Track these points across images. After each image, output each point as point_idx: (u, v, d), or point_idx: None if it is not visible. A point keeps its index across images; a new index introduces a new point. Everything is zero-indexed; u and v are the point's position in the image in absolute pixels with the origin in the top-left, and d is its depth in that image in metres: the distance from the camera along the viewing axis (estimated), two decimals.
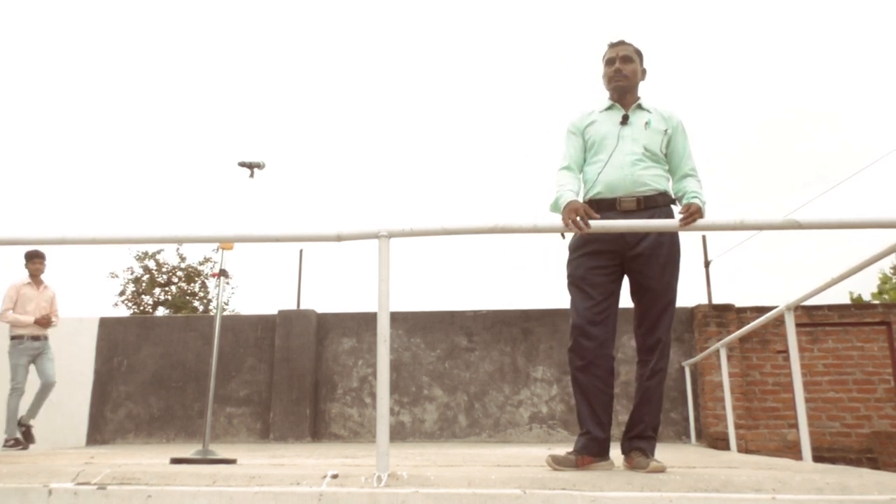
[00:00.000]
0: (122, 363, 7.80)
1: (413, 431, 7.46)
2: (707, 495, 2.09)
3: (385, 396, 2.43)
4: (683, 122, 2.96)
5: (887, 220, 2.53)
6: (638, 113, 2.92)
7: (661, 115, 2.92)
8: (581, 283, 2.81)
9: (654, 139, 2.85)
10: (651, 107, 2.95)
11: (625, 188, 2.79)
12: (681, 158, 2.92)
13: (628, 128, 2.87)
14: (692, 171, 2.91)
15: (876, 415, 7.03)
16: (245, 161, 3.97)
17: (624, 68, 2.91)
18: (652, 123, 2.88)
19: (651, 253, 2.75)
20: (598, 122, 2.94)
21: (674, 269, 2.80)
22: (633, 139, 2.84)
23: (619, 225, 2.70)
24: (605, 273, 2.80)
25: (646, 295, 2.79)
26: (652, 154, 2.83)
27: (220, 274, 3.67)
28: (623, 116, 2.90)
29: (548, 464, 2.71)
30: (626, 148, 2.82)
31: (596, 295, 2.77)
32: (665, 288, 2.77)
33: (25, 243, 2.99)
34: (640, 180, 2.78)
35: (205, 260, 19.90)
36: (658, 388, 2.77)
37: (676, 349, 7.44)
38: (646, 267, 2.76)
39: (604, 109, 2.97)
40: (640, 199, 2.78)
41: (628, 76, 2.91)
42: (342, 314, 7.95)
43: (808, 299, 3.65)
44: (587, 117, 2.98)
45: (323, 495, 2.17)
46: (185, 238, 2.93)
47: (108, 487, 2.29)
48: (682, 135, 2.93)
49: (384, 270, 2.56)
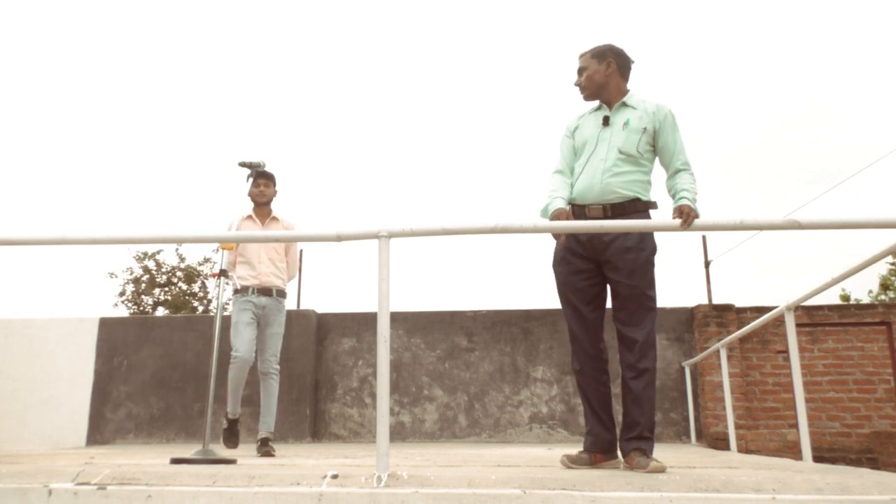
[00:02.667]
0: (122, 363, 7.80)
1: (413, 431, 7.46)
2: (707, 495, 2.09)
3: (385, 396, 2.43)
4: (673, 114, 2.93)
5: (887, 220, 2.53)
6: (620, 112, 2.94)
7: (645, 110, 2.91)
8: (565, 289, 2.95)
9: (630, 140, 2.86)
10: (637, 102, 2.94)
11: (594, 196, 2.86)
12: (671, 154, 2.92)
13: (608, 130, 2.91)
14: (684, 166, 2.91)
15: (876, 415, 7.03)
16: (245, 161, 3.98)
17: (579, 81, 3.02)
18: (630, 122, 2.89)
19: (618, 259, 2.82)
20: (584, 125, 3.02)
21: (643, 273, 2.82)
22: (610, 143, 2.88)
23: (618, 225, 2.71)
24: (586, 277, 2.91)
25: (616, 299, 2.87)
26: (627, 156, 2.85)
27: (220, 274, 3.66)
28: (604, 118, 2.94)
29: (562, 463, 2.84)
30: (602, 153, 2.88)
31: (579, 301, 2.91)
32: (634, 292, 2.80)
33: (26, 243, 2.98)
34: (609, 188, 2.84)
35: (204, 260, 19.90)
36: (647, 390, 2.78)
37: (676, 349, 7.45)
38: (614, 273, 2.84)
39: (591, 111, 3.05)
40: (606, 207, 2.84)
41: (585, 86, 3.00)
42: (342, 314, 7.95)
43: (808, 299, 3.65)
44: (577, 120, 3.09)
45: (323, 495, 2.17)
46: (185, 238, 2.93)
47: (108, 487, 2.29)
48: (670, 128, 2.91)
49: (384, 270, 2.56)
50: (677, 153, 2.91)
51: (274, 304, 4.48)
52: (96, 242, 2.96)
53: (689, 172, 2.91)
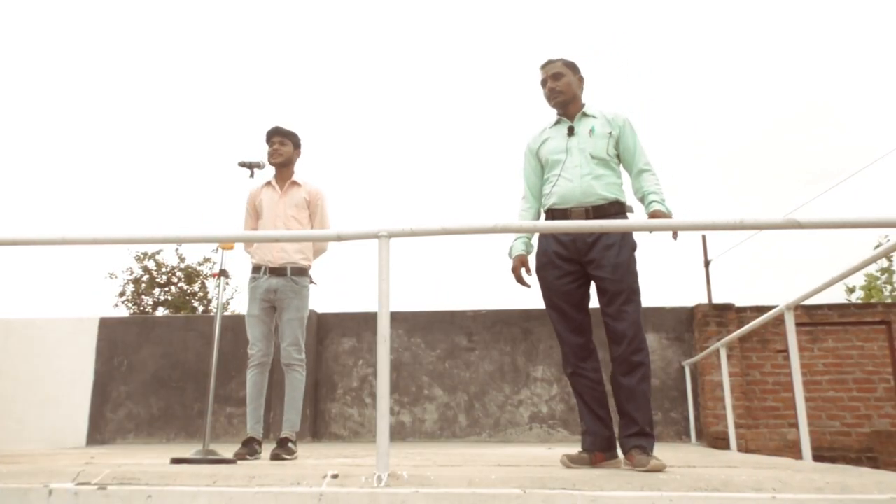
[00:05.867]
0: (122, 363, 7.80)
1: (413, 431, 7.46)
2: (707, 495, 2.09)
3: (385, 396, 2.43)
4: (630, 120, 3.10)
5: (887, 219, 2.53)
6: (583, 122, 3.08)
7: (605, 118, 3.07)
8: (551, 294, 3.02)
9: (598, 145, 3.00)
10: (596, 111, 3.10)
11: (576, 198, 2.95)
12: (632, 155, 3.06)
13: (575, 138, 3.04)
14: (646, 166, 3.05)
15: (876, 414, 7.03)
16: (245, 161, 3.96)
17: (556, 85, 3.09)
18: (595, 129, 3.03)
19: (601, 256, 2.89)
20: (550, 138, 3.12)
21: (627, 269, 2.89)
22: (581, 149, 3.00)
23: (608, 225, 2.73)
24: (570, 280, 2.97)
25: (603, 296, 2.91)
26: (600, 160, 2.98)
27: (221, 274, 3.66)
28: (569, 128, 3.07)
29: (562, 463, 2.85)
30: (575, 160, 2.99)
31: (565, 305, 2.98)
32: (618, 287, 2.86)
33: (26, 243, 2.98)
34: (590, 190, 2.94)
35: (204, 260, 19.90)
36: (642, 385, 2.81)
37: (676, 349, 7.45)
38: (598, 270, 2.90)
39: (553, 125, 3.16)
40: (588, 210, 2.93)
41: (563, 90, 3.09)
42: (342, 314, 7.95)
43: (808, 299, 3.65)
44: (539, 136, 3.19)
45: (323, 495, 2.17)
46: (185, 238, 2.93)
47: (108, 487, 2.29)
48: (629, 132, 3.07)
49: (384, 270, 2.56)
50: (638, 154, 3.06)
51: (288, 285, 3.94)
52: (96, 242, 2.96)
53: (652, 173, 3.04)
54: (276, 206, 4.05)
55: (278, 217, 4.01)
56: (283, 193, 4.08)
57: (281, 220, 4.00)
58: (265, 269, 3.99)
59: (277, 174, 4.14)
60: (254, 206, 4.16)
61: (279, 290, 3.96)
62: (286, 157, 4.08)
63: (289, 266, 3.97)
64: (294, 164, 4.17)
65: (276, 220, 4.01)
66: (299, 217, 4.04)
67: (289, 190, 4.09)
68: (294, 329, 3.98)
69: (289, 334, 3.98)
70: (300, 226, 4.04)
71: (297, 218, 4.04)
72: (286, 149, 4.08)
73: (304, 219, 4.07)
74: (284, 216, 4.02)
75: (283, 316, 3.99)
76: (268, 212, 4.04)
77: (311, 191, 4.11)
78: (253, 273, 4.04)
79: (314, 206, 4.11)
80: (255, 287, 3.99)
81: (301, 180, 4.13)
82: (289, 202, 4.06)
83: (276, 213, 4.02)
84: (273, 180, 4.14)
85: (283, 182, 4.11)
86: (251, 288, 4.02)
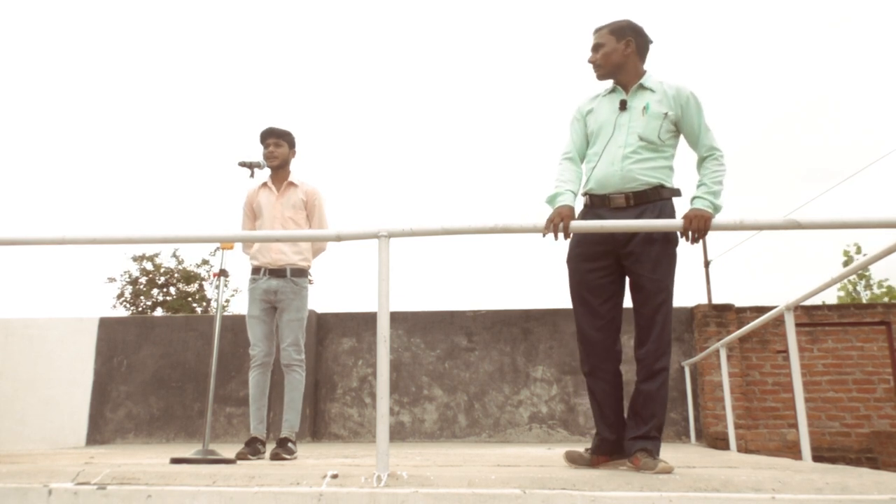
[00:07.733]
0: (122, 363, 7.80)
1: (413, 431, 7.45)
2: (707, 495, 2.09)
3: (385, 396, 2.43)
4: (696, 96, 2.75)
5: (887, 219, 2.53)
6: (638, 95, 2.77)
7: (665, 94, 2.74)
8: (580, 287, 2.79)
9: (651, 126, 2.70)
10: (656, 84, 2.77)
11: (614, 185, 2.70)
12: (697, 137, 2.76)
13: (626, 114, 2.74)
14: (710, 151, 2.75)
15: (875, 414, 7.03)
16: (245, 161, 3.96)
17: (595, 58, 2.82)
18: (651, 107, 2.72)
19: (642, 251, 2.67)
20: (598, 108, 2.84)
21: (667, 267, 2.69)
22: (629, 128, 2.71)
23: (618, 225, 2.64)
24: (603, 274, 2.75)
25: (639, 293, 2.71)
26: (648, 143, 2.69)
27: (221, 274, 3.66)
28: (621, 102, 2.76)
29: (564, 457, 2.86)
30: (620, 139, 2.71)
31: (594, 299, 2.75)
32: (657, 286, 2.66)
33: (26, 243, 2.98)
34: (631, 175, 2.68)
35: (203, 262, 19.90)
36: (661, 390, 2.66)
37: (676, 349, 7.44)
38: (637, 265, 2.68)
39: (606, 94, 2.86)
40: (629, 196, 2.69)
41: (601, 64, 2.80)
42: (342, 314, 7.95)
43: (808, 299, 3.65)
44: (590, 103, 2.90)
45: (323, 495, 2.17)
46: (185, 238, 2.93)
47: (108, 487, 2.29)
48: (694, 111, 2.74)
49: (384, 270, 2.56)
50: (703, 136, 2.75)
51: (288, 286, 3.97)
52: (96, 242, 2.96)
53: (715, 158, 2.74)
54: (274, 208, 4.07)
55: (276, 219, 4.03)
56: (279, 195, 4.09)
57: (279, 222, 4.03)
58: (265, 270, 4.02)
59: (274, 175, 4.15)
60: (251, 208, 4.17)
61: (279, 291, 3.99)
62: (282, 159, 4.10)
63: (288, 267, 4.00)
64: (290, 164, 4.19)
65: (274, 222, 4.03)
66: (296, 218, 4.07)
67: (286, 191, 4.10)
68: (294, 330, 4.02)
69: (289, 335, 4.01)
70: (297, 227, 4.06)
71: (295, 219, 4.06)
72: (281, 150, 4.09)
73: (302, 219, 4.09)
74: (282, 218, 4.04)
75: (282, 317, 4.01)
76: (266, 213, 4.07)
77: (308, 191, 4.13)
78: (252, 274, 4.07)
79: (311, 207, 4.12)
80: (255, 288, 4.03)
81: (297, 181, 4.14)
82: (286, 203, 4.08)
83: (273, 215, 4.04)
84: (269, 181, 4.15)
85: (280, 183, 4.13)
86: (251, 289, 4.06)
